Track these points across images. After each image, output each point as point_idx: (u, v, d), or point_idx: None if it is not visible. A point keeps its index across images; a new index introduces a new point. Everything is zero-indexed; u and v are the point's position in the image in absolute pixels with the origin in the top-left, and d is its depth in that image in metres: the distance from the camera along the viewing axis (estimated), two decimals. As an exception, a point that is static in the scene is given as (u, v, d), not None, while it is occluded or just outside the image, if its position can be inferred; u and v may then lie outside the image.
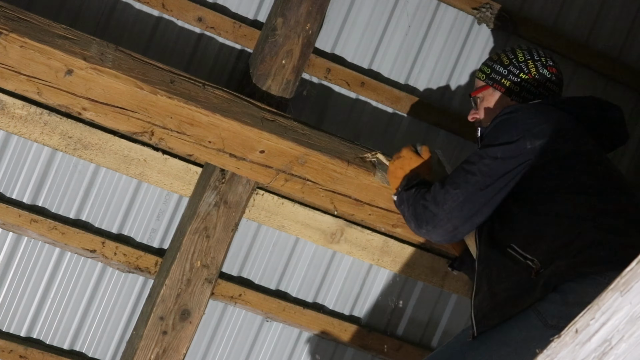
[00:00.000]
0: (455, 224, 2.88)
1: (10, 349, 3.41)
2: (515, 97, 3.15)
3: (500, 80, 3.18)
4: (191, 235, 3.41)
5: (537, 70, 3.16)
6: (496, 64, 3.20)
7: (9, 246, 3.43)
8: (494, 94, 3.19)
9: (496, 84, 3.18)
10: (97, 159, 3.35)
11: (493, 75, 3.20)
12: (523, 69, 3.16)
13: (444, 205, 2.87)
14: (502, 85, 3.17)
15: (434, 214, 2.89)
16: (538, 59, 3.19)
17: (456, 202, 2.86)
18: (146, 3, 3.41)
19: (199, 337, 3.66)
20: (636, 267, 1.67)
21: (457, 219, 2.87)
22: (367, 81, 3.70)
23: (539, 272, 2.66)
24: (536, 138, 2.82)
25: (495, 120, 2.92)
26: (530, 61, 3.18)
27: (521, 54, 3.20)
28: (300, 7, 3.45)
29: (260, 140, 3.29)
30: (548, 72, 3.17)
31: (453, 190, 2.87)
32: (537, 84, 3.15)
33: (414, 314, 3.91)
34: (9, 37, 2.99)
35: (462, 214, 2.86)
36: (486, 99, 3.21)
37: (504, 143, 2.84)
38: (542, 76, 3.15)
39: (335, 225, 3.66)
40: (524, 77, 3.15)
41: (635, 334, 1.69)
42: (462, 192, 2.86)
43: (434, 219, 2.89)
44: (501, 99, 3.17)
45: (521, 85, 3.15)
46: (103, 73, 3.09)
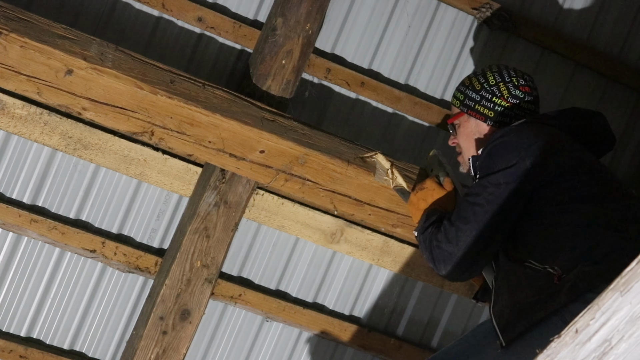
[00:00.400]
0: (474, 257, 2.86)
1: (10, 349, 3.41)
2: (490, 122, 3.10)
3: (474, 107, 3.12)
4: (191, 235, 3.41)
5: (510, 92, 3.09)
6: (468, 90, 3.15)
7: (9, 246, 3.43)
8: (469, 120, 3.14)
9: (470, 110, 3.13)
10: (97, 159, 3.35)
11: (467, 102, 3.14)
12: (495, 93, 3.10)
13: (458, 243, 2.85)
14: (477, 112, 3.12)
15: (450, 253, 2.86)
16: (509, 80, 3.12)
17: (470, 237, 2.83)
18: (146, 3, 3.41)
19: (199, 337, 3.66)
20: (636, 267, 1.67)
21: (474, 252, 2.85)
22: (367, 81, 3.70)
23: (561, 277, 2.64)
24: (534, 156, 2.80)
25: (487, 148, 2.88)
26: (502, 83, 3.11)
27: (491, 76, 3.13)
28: (300, 7, 3.45)
29: (260, 140, 3.29)
30: (521, 92, 3.11)
31: (464, 226, 2.84)
32: (511, 106, 3.09)
33: (414, 314, 3.91)
34: (9, 37, 2.99)
35: (478, 247, 2.84)
36: (463, 125, 3.16)
37: (503, 168, 2.82)
38: (515, 97, 3.09)
39: (335, 225, 3.66)
40: (497, 102, 3.09)
41: (635, 334, 1.69)
42: (473, 226, 2.83)
43: (451, 257, 2.86)
44: (478, 125, 3.12)
45: (495, 110, 3.10)
46: (103, 73, 3.09)
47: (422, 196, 3.08)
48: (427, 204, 3.07)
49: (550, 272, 2.67)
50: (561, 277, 2.64)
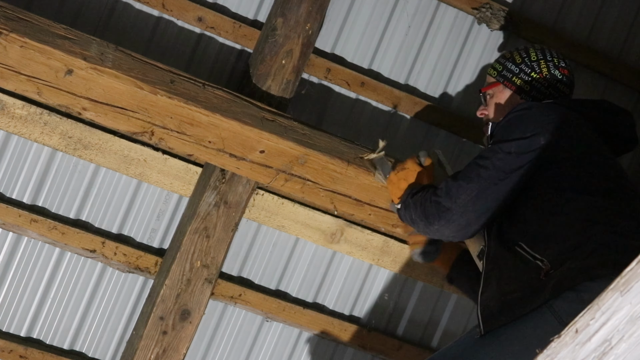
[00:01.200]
0: (469, 218, 2.87)
1: (10, 349, 3.41)
2: (524, 95, 3.15)
3: (511, 78, 3.17)
4: (191, 235, 3.41)
5: (549, 71, 3.15)
6: (508, 62, 3.20)
7: (9, 246, 3.43)
8: (504, 92, 3.19)
9: (507, 81, 3.17)
10: (97, 159, 3.35)
11: (504, 73, 3.19)
12: (535, 68, 3.15)
13: (457, 200, 2.86)
14: (513, 84, 3.16)
15: (447, 208, 2.88)
16: (550, 60, 3.18)
17: (470, 196, 2.85)
18: (146, 3, 3.41)
19: (199, 337, 3.66)
20: (636, 267, 1.67)
21: (471, 212, 2.86)
22: (367, 81, 3.70)
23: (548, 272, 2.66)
24: (550, 135, 2.82)
25: (508, 116, 2.92)
26: (543, 61, 3.17)
27: (534, 53, 3.19)
28: (300, 7, 3.45)
29: (260, 140, 3.29)
30: (559, 73, 3.16)
31: (466, 184, 2.86)
32: (547, 84, 3.14)
33: (414, 314, 3.91)
34: (9, 37, 2.99)
35: (476, 208, 2.86)
36: (496, 95, 3.20)
37: (518, 138, 2.84)
38: (553, 77, 3.15)
39: (335, 225, 3.66)
40: (535, 77, 3.14)
41: (635, 334, 1.69)
42: (476, 186, 2.85)
43: (448, 213, 2.88)
44: (511, 97, 3.17)
45: (532, 84, 3.15)
46: (103, 73, 3.09)
47: (403, 176, 3.16)
48: (408, 182, 3.13)
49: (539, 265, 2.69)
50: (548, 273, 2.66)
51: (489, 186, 2.85)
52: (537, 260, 2.70)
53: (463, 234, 2.94)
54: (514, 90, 3.16)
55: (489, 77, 3.26)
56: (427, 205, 2.94)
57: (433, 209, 2.92)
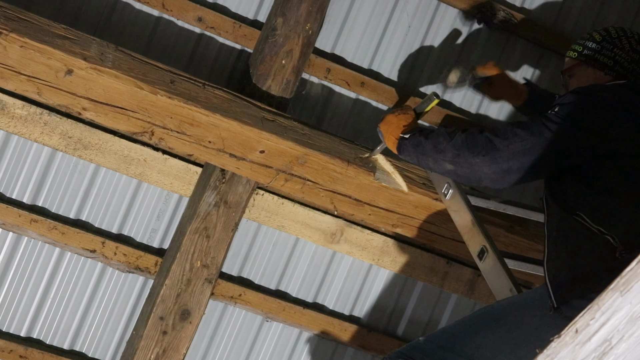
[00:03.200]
0: (511, 166, 2.85)
1: (10, 349, 3.41)
2: (608, 71, 3.08)
3: (593, 56, 3.10)
4: (191, 235, 3.41)
5: (631, 46, 3.09)
6: (588, 42, 3.14)
7: (9, 246, 3.43)
8: (587, 70, 3.12)
9: (589, 59, 3.11)
10: (97, 159, 3.35)
11: (585, 52, 3.12)
12: (617, 44, 3.09)
13: (511, 145, 2.84)
14: (596, 61, 3.09)
15: (498, 149, 2.85)
16: (631, 36, 3.12)
17: (524, 147, 2.83)
18: (146, 3, 3.41)
19: (199, 337, 3.66)
20: (636, 267, 1.67)
21: (517, 161, 2.84)
22: (367, 81, 3.70)
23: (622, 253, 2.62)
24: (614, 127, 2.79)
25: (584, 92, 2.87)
26: (624, 37, 3.10)
27: (614, 31, 3.13)
28: (300, 7, 3.45)
29: (260, 140, 3.29)
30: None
31: (525, 134, 2.84)
32: (630, 59, 3.08)
33: (414, 314, 3.91)
34: (9, 37, 2.99)
35: (523, 160, 2.84)
36: (577, 75, 3.14)
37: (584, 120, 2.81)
38: (637, 52, 3.09)
39: (335, 225, 3.66)
40: (618, 52, 3.08)
41: (635, 334, 1.69)
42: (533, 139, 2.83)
43: (496, 152, 2.86)
44: (595, 73, 3.10)
45: (615, 59, 3.08)
46: (103, 73, 3.09)
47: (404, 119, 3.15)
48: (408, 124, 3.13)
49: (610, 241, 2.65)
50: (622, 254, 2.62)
51: (545, 145, 2.82)
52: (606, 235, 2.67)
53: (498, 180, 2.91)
54: (597, 67, 3.09)
55: (568, 60, 3.19)
56: (476, 137, 2.91)
57: (482, 142, 2.89)
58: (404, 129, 3.13)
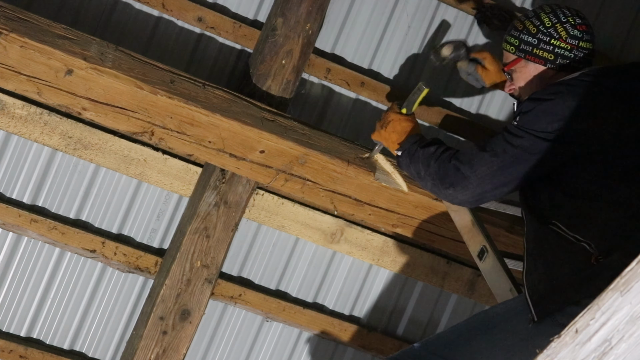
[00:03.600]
0: (484, 189, 2.87)
1: (10, 349, 3.41)
2: (550, 64, 3.05)
3: (532, 51, 3.06)
4: (191, 235, 3.41)
5: (568, 33, 3.03)
6: (523, 34, 3.08)
7: (9, 246, 3.43)
8: (527, 65, 3.08)
9: (528, 55, 3.07)
10: (97, 159, 3.35)
11: (523, 47, 3.08)
12: (553, 35, 3.03)
13: (478, 170, 2.86)
14: (535, 56, 3.05)
15: (466, 177, 2.88)
16: (565, 20, 3.05)
17: (491, 170, 2.85)
18: (146, 3, 3.41)
19: (199, 337, 3.66)
20: (636, 267, 1.67)
21: (488, 184, 2.86)
22: (367, 81, 3.69)
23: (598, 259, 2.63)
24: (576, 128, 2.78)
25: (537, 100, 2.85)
26: (559, 24, 3.04)
27: (546, 18, 3.06)
28: (300, 7, 3.45)
29: (260, 140, 3.29)
30: (579, 31, 3.04)
31: (490, 158, 2.85)
32: (570, 47, 3.03)
33: (414, 314, 3.91)
34: (9, 37, 2.99)
35: (493, 181, 2.85)
36: (520, 71, 3.11)
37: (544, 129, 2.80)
38: (574, 37, 3.03)
39: (335, 225, 3.66)
40: (556, 43, 3.03)
41: (635, 334, 1.69)
42: (499, 160, 2.84)
43: (465, 181, 2.88)
44: (537, 69, 3.07)
45: (554, 52, 3.03)
46: (103, 73, 3.09)
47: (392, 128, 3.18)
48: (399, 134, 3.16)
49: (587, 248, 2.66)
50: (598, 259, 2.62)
51: (511, 164, 2.83)
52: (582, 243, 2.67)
53: (474, 203, 2.95)
54: (538, 62, 3.06)
55: (507, 54, 3.15)
56: (445, 167, 2.93)
57: (451, 173, 2.91)
58: (397, 145, 3.16)
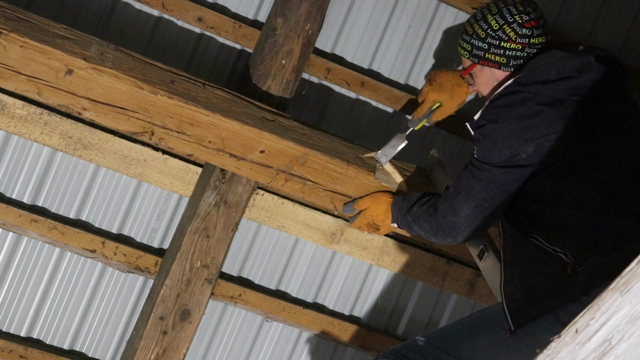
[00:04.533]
0: (477, 225, 2.96)
1: (10, 349, 3.41)
2: (504, 67, 3.06)
3: (484, 56, 3.08)
4: (191, 235, 3.41)
5: (517, 33, 3.03)
6: (473, 39, 3.09)
7: (9, 246, 3.43)
8: (483, 70, 3.11)
9: (481, 60, 3.09)
10: (97, 159, 3.35)
11: (475, 52, 3.10)
12: (502, 37, 3.04)
13: (460, 213, 2.94)
14: (488, 60, 3.08)
15: (454, 223, 2.96)
16: (512, 20, 3.03)
17: (470, 208, 2.92)
18: (146, 3, 3.41)
19: (199, 337, 3.66)
20: (636, 267, 1.66)
21: (477, 221, 2.94)
22: (367, 81, 3.69)
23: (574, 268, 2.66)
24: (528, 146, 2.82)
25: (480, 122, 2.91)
26: (506, 25, 3.03)
27: (493, 20, 3.06)
28: (300, 7, 3.45)
29: (260, 140, 3.29)
30: (527, 29, 3.03)
31: (463, 199, 2.94)
32: (522, 47, 3.03)
33: (414, 314, 3.91)
34: (9, 37, 2.99)
35: (479, 217, 2.93)
36: (478, 74, 3.14)
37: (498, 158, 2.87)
38: (524, 36, 3.03)
39: (335, 225, 3.66)
40: (507, 45, 3.04)
41: (635, 334, 1.69)
42: (473, 199, 2.91)
43: (455, 227, 2.96)
44: (493, 72, 3.09)
45: (506, 55, 3.04)
46: (103, 73, 3.09)
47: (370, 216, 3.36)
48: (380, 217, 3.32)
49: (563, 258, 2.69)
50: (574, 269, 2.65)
51: (485, 198, 2.90)
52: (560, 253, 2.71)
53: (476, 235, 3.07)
54: (492, 66, 3.08)
55: (463, 59, 3.18)
56: (435, 220, 3.02)
57: (442, 225, 3.00)
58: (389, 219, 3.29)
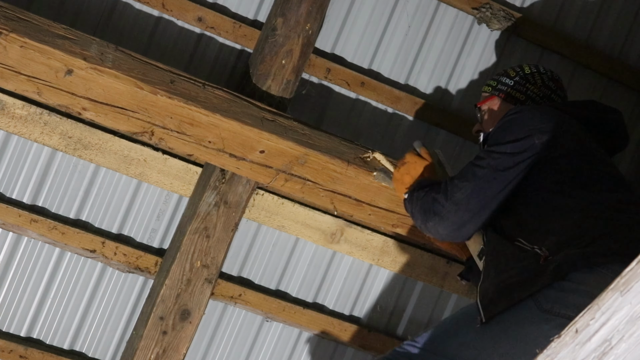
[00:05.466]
0: (463, 217, 2.91)
1: (10, 349, 3.41)
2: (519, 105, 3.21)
3: (506, 90, 3.25)
4: (191, 235, 3.41)
5: (544, 82, 3.24)
6: (502, 77, 3.29)
7: (9, 246, 3.43)
8: (499, 104, 3.25)
9: (502, 93, 3.25)
10: (97, 159, 3.35)
11: (499, 87, 3.27)
12: (529, 80, 3.24)
13: (452, 197, 2.91)
14: (508, 95, 3.24)
15: (442, 206, 2.93)
16: (544, 72, 3.27)
17: (464, 195, 2.90)
18: (146, 3, 3.41)
19: (199, 337, 3.66)
20: (636, 267, 1.67)
21: (465, 212, 2.90)
22: (367, 81, 3.70)
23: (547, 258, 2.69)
24: (543, 134, 2.87)
25: (501, 120, 2.97)
26: (537, 73, 3.26)
27: (527, 67, 3.28)
28: (300, 7, 3.45)
29: (260, 140, 3.29)
30: (554, 84, 3.25)
31: (461, 183, 2.91)
32: (542, 95, 3.22)
33: (414, 314, 3.91)
34: (9, 37, 2.99)
35: (470, 207, 2.90)
36: (491, 109, 3.27)
37: (512, 140, 2.89)
38: (548, 87, 3.24)
39: (335, 225, 3.66)
40: (530, 87, 3.23)
41: (635, 334, 1.69)
42: (470, 185, 2.90)
43: (442, 210, 2.93)
44: (506, 107, 3.22)
45: (527, 94, 3.22)
46: (103, 73, 3.09)
47: (405, 170, 3.17)
48: (412, 177, 3.16)
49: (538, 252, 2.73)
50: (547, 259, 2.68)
51: (483, 185, 2.89)
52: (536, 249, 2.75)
53: (458, 234, 2.97)
54: (509, 101, 3.23)
55: (483, 94, 3.33)
56: (426, 201, 3.00)
57: (429, 206, 2.97)
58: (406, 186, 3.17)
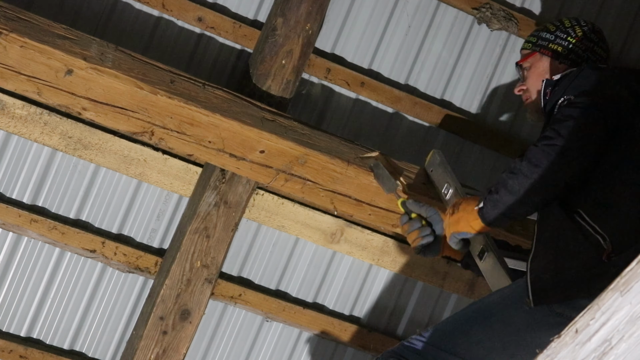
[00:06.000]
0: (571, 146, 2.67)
1: (10, 349, 3.41)
2: (563, 59, 3.14)
3: (547, 45, 3.17)
4: (191, 235, 3.41)
5: (585, 34, 3.16)
6: (542, 32, 3.22)
7: (9, 246, 3.43)
8: (541, 59, 3.18)
9: (543, 49, 3.17)
10: (97, 159, 3.35)
11: (540, 42, 3.19)
12: (570, 33, 3.17)
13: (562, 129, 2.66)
14: (550, 50, 3.16)
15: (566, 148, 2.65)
16: (585, 25, 3.20)
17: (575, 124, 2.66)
18: (146, 3, 3.41)
19: (199, 337, 3.66)
20: (636, 267, 1.67)
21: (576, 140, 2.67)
22: (367, 81, 3.70)
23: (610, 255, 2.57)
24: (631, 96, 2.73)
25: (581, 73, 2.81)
26: (577, 26, 3.19)
27: (567, 21, 3.22)
28: (300, 7, 3.46)
29: (260, 140, 3.29)
30: (596, 36, 3.18)
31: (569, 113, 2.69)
32: (584, 47, 3.15)
33: (414, 314, 3.91)
34: (9, 37, 2.99)
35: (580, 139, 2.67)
36: (534, 65, 3.18)
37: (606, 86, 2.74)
38: (590, 40, 3.16)
39: (335, 225, 3.66)
40: (572, 41, 3.15)
41: (635, 334, 1.70)
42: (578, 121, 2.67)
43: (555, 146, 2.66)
44: (550, 64, 3.15)
45: (569, 48, 3.15)
46: (103, 73, 3.09)
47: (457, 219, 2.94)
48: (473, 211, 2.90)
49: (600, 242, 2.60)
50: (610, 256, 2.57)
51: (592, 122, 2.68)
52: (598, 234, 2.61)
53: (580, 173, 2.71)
54: (551, 56, 3.15)
55: (523, 52, 3.26)
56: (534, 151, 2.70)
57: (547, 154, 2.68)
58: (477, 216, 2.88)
